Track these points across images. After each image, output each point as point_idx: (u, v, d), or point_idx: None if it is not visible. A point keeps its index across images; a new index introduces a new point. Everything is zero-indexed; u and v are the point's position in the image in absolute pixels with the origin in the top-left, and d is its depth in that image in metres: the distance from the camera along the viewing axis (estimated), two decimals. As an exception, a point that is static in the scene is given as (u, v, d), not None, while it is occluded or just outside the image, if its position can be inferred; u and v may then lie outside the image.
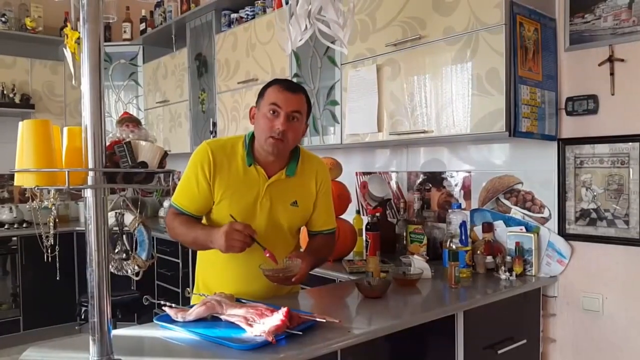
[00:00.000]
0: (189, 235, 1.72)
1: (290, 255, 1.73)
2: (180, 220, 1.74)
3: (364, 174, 3.11)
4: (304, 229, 1.96)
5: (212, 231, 1.63)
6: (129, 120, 1.39)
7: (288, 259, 1.70)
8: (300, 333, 1.38)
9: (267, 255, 1.61)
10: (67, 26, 1.49)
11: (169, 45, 4.45)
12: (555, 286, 2.28)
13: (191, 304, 1.83)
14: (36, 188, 1.16)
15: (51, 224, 1.49)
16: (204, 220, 1.83)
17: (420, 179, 2.81)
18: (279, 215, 1.78)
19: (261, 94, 1.75)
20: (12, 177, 4.55)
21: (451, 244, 2.18)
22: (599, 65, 2.13)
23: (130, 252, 1.56)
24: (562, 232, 2.25)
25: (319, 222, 1.89)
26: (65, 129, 1.28)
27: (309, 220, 1.88)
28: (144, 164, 1.26)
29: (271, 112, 1.68)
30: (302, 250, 1.90)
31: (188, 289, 1.86)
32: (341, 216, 2.66)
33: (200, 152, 1.74)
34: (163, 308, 1.54)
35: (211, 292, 1.70)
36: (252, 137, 1.77)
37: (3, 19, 4.47)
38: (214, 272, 1.82)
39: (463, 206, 2.55)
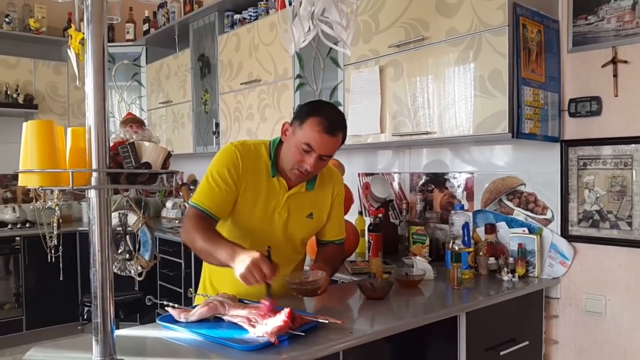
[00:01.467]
0: (208, 247, 1.58)
1: (312, 267, 1.72)
2: (202, 226, 1.62)
3: (367, 175, 3.11)
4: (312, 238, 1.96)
5: (236, 251, 1.50)
6: (132, 121, 1.39)
7: (311, 270, 1.69)
8: (303, 334, 1.38)
9: (268, 304, 1.47)
10: (70, 27, 1.49)
11: (172, 46, 4.46)
12: (558, 288, 2.28)
13: (194, 304, 1.83)
14: (40, 188, 1.17)
15: (55, 224, 1.49)
16: (223, 224, 1.77)
17: (423, 180, 2.80)
18: (294, 226, 1.78)
19: (300, 117, 1.65)
20: (15, 177, 4.57)
21: (454, 245, 2.17)
22: (602, 66, 2.13)
23: (133, 253, 1.56)
24: (564, 233, 2.25)
25: (330, 233, 1.89)
26: (69, 130, 1.28)
27: (321, 231, 1.88)
28: (147, 165, 1.26)
29: (304, 149, 1.62)
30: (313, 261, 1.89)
31: (190, 289, 1.86)
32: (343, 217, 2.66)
33: (228, 153, 1.70)
34: (166, 308, 1.54)
35: (217, 292, 1.70)
36: (277, 146, 1.74)
37: (7, 19, 4.48)
38: (220, 272, 1.82)
39: (466, 207, 2.54)
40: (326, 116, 1.62)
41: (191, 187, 4.61)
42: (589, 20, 2.17)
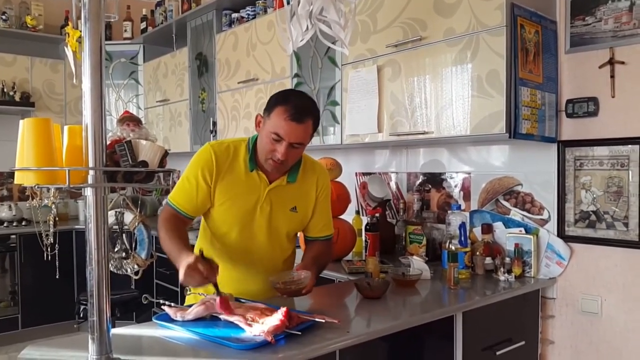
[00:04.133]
0: (165, 245, 1.66)
1: (297, 267, 1.73)
2: (168, 226, 1.69)
3: (364, 174, 3.12)
4: (300, 234, 1.96)
5: (180, 255, 1.54)
6: (129, 119, 1.39)
7: (296, 271, 1.70)
8: (299, 333, 1.38)
9: (219, 300, 1.48)
10: (68, 24, 1.49)
11: (170, 45, 4.45)
12: (554, 288, 2.29)
13: (185, 303, 1.83)
14: (36, 186, 1.16)
15: (51, 222, 1.49)
16: (204, 221, 1.82)
17: (420, 180, 2.81)
18: (278, 220, 1.78)
19: (268, 108, 1.68)
20: (11, 174, 4.57)
21: (450, 245, 2.18)
22: (600, 67, 2.13)
23: (129, 251, 1.56)
24: (561, 234, 2.25)
25: (316, 228, 1.89)
26: (65, 128, 1.28)
27: (307, 226, 1.88)
28: (144, 163, 1.26)
29: (274, 138, 1.64)
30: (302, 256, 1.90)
31: (187, 288, 1.86)
32: (341, 216, 2.66)
33: (203, 155, 1.73)
34: (162, 307, 1.54)
35: (210, 291, 1.70)
36: (255, 141, 1.76)
37: (4, 17, 4.47)
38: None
39: (462, 207, 2.55)
40: (293, 104, 1.64)
41: (188, 186, 4.59)
42: (586, 21, 2.18)
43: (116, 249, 1.55)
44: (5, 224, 4.34)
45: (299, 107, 1.64)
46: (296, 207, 1.80)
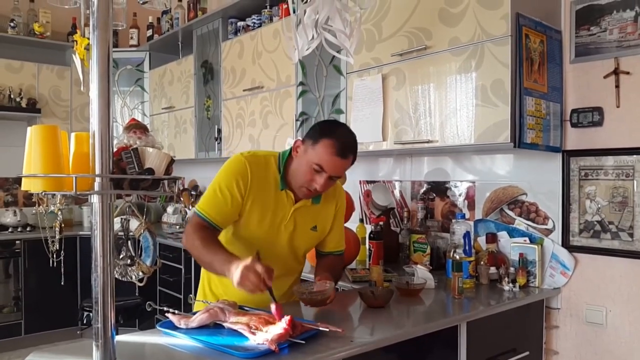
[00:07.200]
0: (207, 256, 1.61)
1: (319, 278, 1.73)
2: (203, 235, 1.63)
3: (368, 182, 3.12)
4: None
5: (231, 261, 1.51)
6: (136, 127, 1.40)
7: (317, 281, 1.70)
8: (303, 342, 1.38)
9: (275, 307, 1.46)
10: (76, 32, 1.51)
11: (176, 52, 4.48)
12: (559, 298, 2.27)
13: (194, 310, 1.83)
14: (43, 193, 1.17)
15: (57, 228, 1.49)
16: (227, 233, 1.78)
17: (424, 189, 2.81)
18: (299, 239, 1.79)
19: (314, 137, 1.65)
20: (17, 180, 4.60)
21: (455, 254, 2.17)
22: (605, 77, 2.13)
23: (135, 258, 1.56)
24: (566, 243, 2.24)
25: (331, 244, 1.90)
26: (72, 135, 1.28)
27: (322, 242, 1.89)
28: (150, 171, 1.26)
29: (315, 169, 1.63)
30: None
31: (191, 295, 1.86)
32: (344, 224, 2.66)
33: (237, 164, 1.69)
34: (166, 314, 1.54)
35: (216, 298, 1.70)
36: (286, 160, 1.75)
37: (12, 24, 4.51)
38: (219, 278, 1.82)
39: (467, 216, 2.54)
40: (339, 138, 1.63)
41: (192, 193, 4.61)
42: (591, 31, 2.18)
43: (121, 256, 1.55)
44: (10, 230, 4.36)
45: (346, 143, 1.63)
46: (316, 226, 1.81)
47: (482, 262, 2.29)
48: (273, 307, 1.46)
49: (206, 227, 1.67)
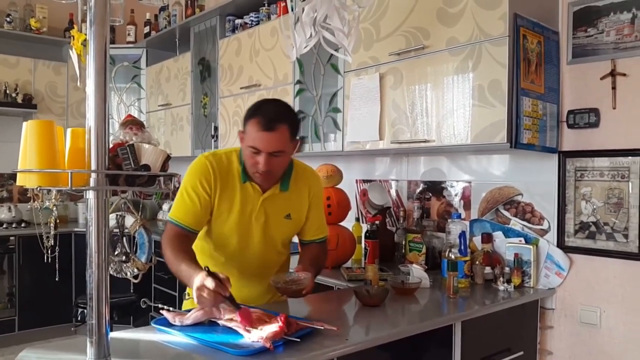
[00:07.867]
0: (174, 268, 1.64)
1: (296, 268, 1.73)
2: (172, 246, 1.66)
3: (364, 181, 3.12)
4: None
5: (191, 277, 1.50)
6: (132, 123, 1.40)
7: (295, 272, 1.70)
8: (298, 340, 1.38)
9: (239, 314, 1.43)
10: (73, 27, 1.50)
11: (173, 49, 4.47)
12: (553, 298, 2.28)
13: (183, 308, 1.83)
14: (38, 189, 1.16)
15: (52, 224, 1.49)
16: (202, 232, 1.79)
17: (420, 188, 2.81)
18: (273, 228, 1.79)
19: (244, 122, 1.68)
20: (12, 176, 4.58)
21: (450, 254, 2.17)
22: (601, 79, 2.14)
23: (130, 255, 1.55)
24: (561, 244, 2.25)
25: (310, 232, 1.89)
26: (68, 130, 1.28)
27: (301, 230, 1.88)
28: (146, 167, 1.26)
29: (252, 151, 1.64)
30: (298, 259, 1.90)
31: (185, 293, 1.86)
32: (340, 223, 2.66)
33: (200, 166, 1.71)
34: (161, 312, 1.54)
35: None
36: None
37: (8, 19, 4.49)
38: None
39: (463, 216, 2.55)
40: (262, 114, 1.63)
41: (188, 190, 4.59)
42: (588, 32, 2.19)
43: (116, 253, 1.54)
44: (4, 226, 4.35)
45: (270, 116, 1.62)
46: (290, 214, 1.81)
47: (477, 262, 2.29)
48: (238, 313, 1.43)
49: (179, 236, 1.69)
